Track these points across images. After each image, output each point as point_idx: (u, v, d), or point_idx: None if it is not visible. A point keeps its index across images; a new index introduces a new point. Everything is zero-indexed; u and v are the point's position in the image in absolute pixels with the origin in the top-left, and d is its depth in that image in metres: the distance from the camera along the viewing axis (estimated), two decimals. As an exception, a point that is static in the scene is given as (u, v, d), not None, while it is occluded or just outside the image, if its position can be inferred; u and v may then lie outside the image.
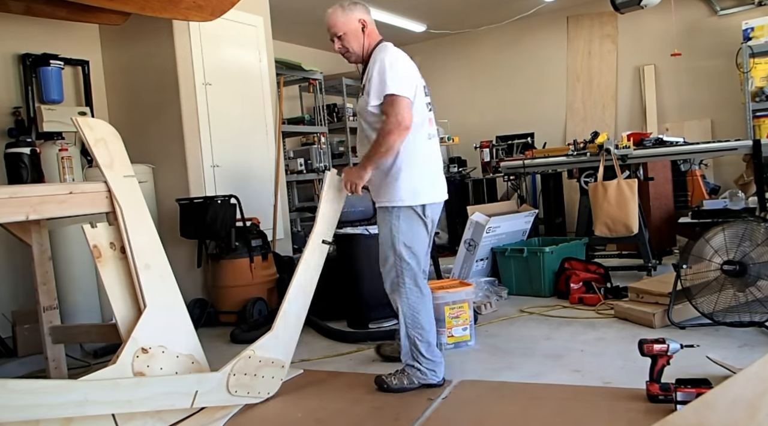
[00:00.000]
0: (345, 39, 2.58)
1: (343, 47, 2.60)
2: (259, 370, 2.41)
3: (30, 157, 3.68)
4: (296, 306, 2.53)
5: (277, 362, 2.46)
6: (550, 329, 3.30)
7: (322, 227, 2.62)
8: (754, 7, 6.00)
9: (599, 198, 4.26)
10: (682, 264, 3.02)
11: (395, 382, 2.52)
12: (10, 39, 4.00)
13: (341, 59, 2.79)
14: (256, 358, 2.39)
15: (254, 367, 2.39)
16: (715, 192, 5.75)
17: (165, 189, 4.20)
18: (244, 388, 2.36)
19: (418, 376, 2.52)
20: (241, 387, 2.35)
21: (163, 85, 4.18)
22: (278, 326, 2.45)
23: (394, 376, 2.54)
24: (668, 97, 6.58)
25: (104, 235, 2.38)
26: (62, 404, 1.91)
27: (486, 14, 6.82)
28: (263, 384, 2.42)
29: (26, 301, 3.81)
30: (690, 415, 1.09)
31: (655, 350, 2.16)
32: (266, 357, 2.42)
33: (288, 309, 2.50)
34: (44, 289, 2.77)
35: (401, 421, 2.20)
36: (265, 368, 2.43)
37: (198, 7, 3.56)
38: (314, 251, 2.60)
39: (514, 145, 6.57)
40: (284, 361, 2.49)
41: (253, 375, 2.38)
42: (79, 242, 3.58)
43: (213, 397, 2.30)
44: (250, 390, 2.39)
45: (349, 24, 2.57)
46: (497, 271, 4.33)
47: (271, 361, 2.44)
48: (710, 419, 1.05)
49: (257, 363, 2.40)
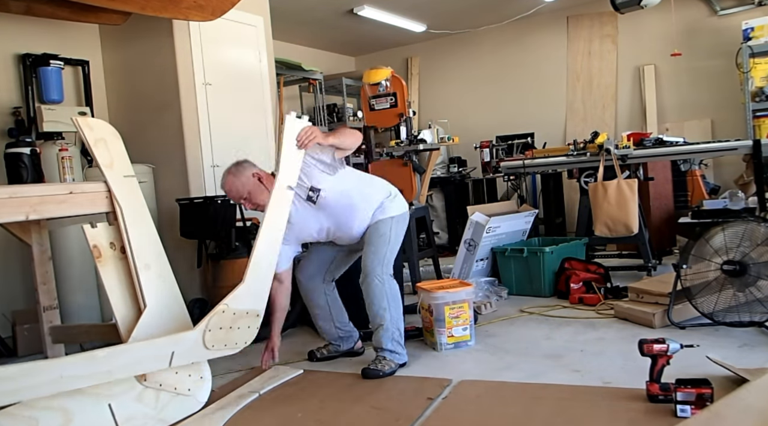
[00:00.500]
0: (252, 197, 2.76)
1: (253, 204, 2.77)
2: (234, 323, 2.41)
3: (30, 157, 3.68)
4: (266, 255, 2.52)
5: (251, 312, 2.46)
6: (550, 329, 3.30)
7: (286, 173, 2.60)
8: (754, 7, 5.99)
9: (599, 198, 4.26)
10: (682, 264, 3.02)
11: (386, 367, 2.70)
12: (10, 39, 4.00)
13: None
14: (231, 311, 2.39)
15: (229, 320, 2.39)
16: (715, 192, 5.75)
17: (165, 189, 4.20)
18: (220, 341, 2.37)
19: (396, 358, 2.77)
20: (217, 341, 2.36)
21: (163, 85, 4.18)
22: (249, 277, 2.45)
23: (381, 363, 2.72)
24: (668, 97, 6.58)
25: (104, 235, 2.38)
26: (40, 384, 1.96)
27: (486, 14, 6.82)
28: (239, 335, 2.43)
29: (26, 301, 3.81)
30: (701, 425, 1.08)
31: (655, 350, 2.16)
32: (240, 308, 2.42)
33: (258, 258, 2.49)
34: (44, 289, 2.77)
35: (401, 421, 2.20)
36: (241, 319, 2.42)
37: (198, 7, 3.56)
38: (281, 198, 2.59)
39: (514, 145, 6.57)
40: (258, 310, 2.49)
41: (228, 328, 2.39)
42: (79, 242, 3.59)
43: (190, 356, 2.32)
44: (227, 342, 2.39)
45: (247, 184, 2.75)
46: (497, 271, 4.33)
47: (246, 311, 2.43)
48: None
49: (232, 316, 2.40)
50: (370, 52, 8.16)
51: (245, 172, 2.76)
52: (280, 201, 2.59)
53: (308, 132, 2.60)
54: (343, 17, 6.35)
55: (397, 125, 4.77)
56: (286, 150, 2.60)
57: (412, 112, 4.88)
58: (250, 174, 2.75)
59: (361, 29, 6.93)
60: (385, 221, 2.83)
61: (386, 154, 4.74)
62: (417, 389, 2.52)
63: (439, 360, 2.93)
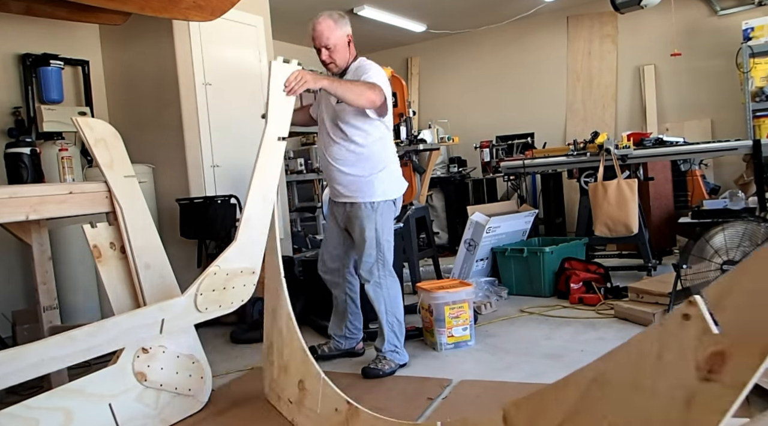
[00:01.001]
0: (333, 51, 2.67)
1: (330, 58, 2.69)
2: (228, 283, 2.32)
3: (30, 157, 3.68)
4: (257, 212, 2.38)
5: (246, 270, 2.35)
6: (550, 329, 3.30)
7: (275, 123, 2.38)
8: (754, 7, 6.00)
9: (599, 198, 4.26)
10: (682, 264, 3.02)
11: (386, 367, 2.72)
12: (10, 39, 4.00)
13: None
14: (223, 272, 2.30)
15: (222, 281, 2.30)
16: (715, 192, 5.75)
17: (165, 189, 4.20)
18: (214, 302, 2.29)
19: (396, 358, 2.78)
20: (211, 303, 2.28)
21: (163, 85, 4.18)
22: (241, 235, 2.34)
23: (381, 363, 2.73)
24: (668, 97, 6.59)
25: (104, 235, 2.38)
26: (22, 369, 1.91)
27: (486, 14, 6.82)
28: (235, 294, 2.34)
29: (26, 301, 3.81)
30: None
31: (655, 350, 2.16)
32: (233, 268, 2.32)
33: (249, 214, 2.36)
34: (44, 289, 2.77)
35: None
36: (234, 279, 2.33)
37: (198, 7, 3.56)
38: (271, 151, 2.38)
39: (514, 145, 6.57)
40: (253, 268, 2.38)
41: (222, 289, 2.30)
42: (79, 242, 3.59)
43: (182, 321, 2.27)
44: (222, 303, 2.32)
45: (340, 37, 2.67)
46: (497, 271, 4.33)
47: (240, 270, 2.34)
48: None
49: (224, 276, 2.31)
50: (370, 52, 8.16)
51: (345, 27, 2.68)
52: (271, 154, 2.37)
53: (298, 76, 2.36)
54: (343, 17, 6.34)
55: (397, 125, 4.76)
56: (274, 98, 2.37)
57: (412, 112, 4.88)
58: (346, 32, 2.68)
59: (361, 29, 6.92)
60: (370, 218, 2.73)
61: (386, 154, 4.73)
62: (417, 389, 2.52)
63: (439, 360, 2.93)
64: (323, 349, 3.05)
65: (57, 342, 1.98)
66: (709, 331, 0.92)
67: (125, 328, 2.11)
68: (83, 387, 2.13)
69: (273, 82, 2.36)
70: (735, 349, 0.88)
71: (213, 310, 2.29)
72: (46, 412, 2.04)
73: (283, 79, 2.38)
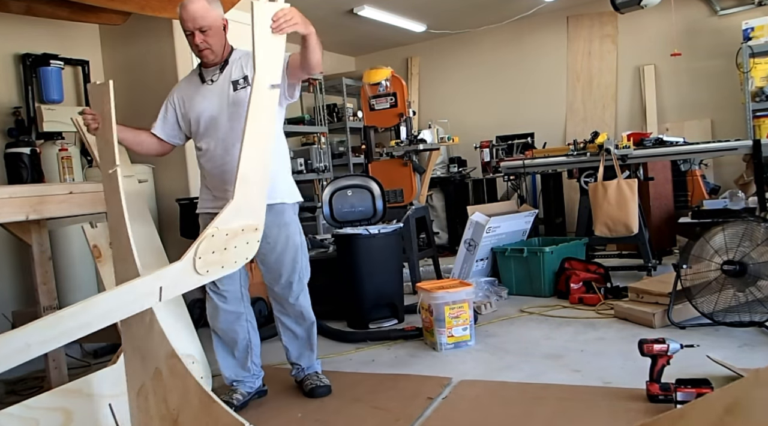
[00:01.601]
0: (208, 34, 2.31)
1: (205, 43, 2.31)
2: (228, 243, 2.15)
3: (30, 157, 3.68)
4: (253, 167, 2.18)
5: (247, 227, 2.19)
6: (550, 329, 3.30)
7: (265, 69, 2.11)
8: (754, 7, 5.99)
9: (599, 198, 4.26)
10: (682, 264, 3.02)
11: (326, 381, 2.58)
12: (10, 39, 4.00)
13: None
14: (222, 233, 2.13)
15: (222, 242, 2.14)
16: (715, 192, 5.75)
17: (165, 189, 4.20)
18: (215, 264, 2.12)
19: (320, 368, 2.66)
20: (212, 264, 2.11)
21: (163, 84, 4.17)
22: (238, 192, 2.14)
23: (318, 379, 2.57)
24: (668, 97, 6.58)
25: (104, 235, 2.38)
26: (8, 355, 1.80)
27: (486, 14, 6.82)
28: (238, 253, 2.18)
29: (26, 301, 3.81)
30: None
31: (655, 350, 2.16)
32: (233, 227, 2.15)
33: (245, 172, 2.16)
34: (44, 289, 2.77)
35: (401, 421, 2.20)
36: (235, 238, 2.17)
37: (198, 7, 3.56)
38: (263, 99, 2.14)
39: (514, 145, 6.57)
40: (256, 224, 2.20)
41: (222, 249, 2.14)
42: (79, 242, 3.59)
43: (181, 286, 2.11)
44: (225, 263, 2.15)
45: (216, 19, 2.32)
46: (497, 271, 4.33)
47: (241, 228, 2.17)
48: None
49: (224, 237, 2.14)
50: (370, 52, 8.17)
51: (219, 9, 2.36)
52: (262, 103, 2.14)
53: (286, 13, 2.05)
54: (343, 17, 6.35)
55: (397, 125, 4.77)
56: (260, 39, 2.10)
57: (412, 112, 4.88)
58: (221, 15, 2.36)
59: (361, 29, 6.94)
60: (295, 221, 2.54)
61: (386, 154, 4.74)
62: (417, 389, 2.52)
63: (439, 360, 2.93)
64: (237, 399, 2.49)
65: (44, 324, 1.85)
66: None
67: (120, 302, 1.95)
68: (83, 387, 2.13)
69: (258, 24, 2.09)
70: None
71: (215, 271, 2.13)
72: (46, 412, 2.04)
73: (268, 19, 2.08)
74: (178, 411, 1.87)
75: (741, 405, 0.86)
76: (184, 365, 1.89)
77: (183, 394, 1.87)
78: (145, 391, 2.04)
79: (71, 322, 1.85)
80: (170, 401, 1.90)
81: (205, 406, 1.77)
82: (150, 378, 2.01)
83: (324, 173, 6.08)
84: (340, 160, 6.86)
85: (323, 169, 6.08)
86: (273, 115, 2.18)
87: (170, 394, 1.91)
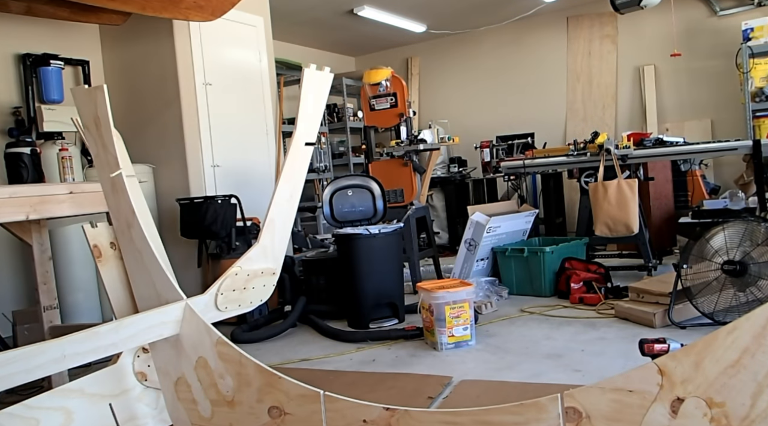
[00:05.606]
0: None
1: None
2: (248, 283, 2.33)
3: (30, 157, 3.68)
4: (282, 215, 2.41)
5: (266, 271, 2.38)
6: (550, 329, 3.30)
7: (304, 128, 2.40)
8: (754, 8, 6.00)
9: (599, 198, 4.26)
10: (682, 264, 3.02)
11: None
12: (11, 39, 4.00)
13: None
14: (244, 273, 2.31)
15: (243, 282, 2.32)
16: (715, 192, 5.76)
17: (165, 189, 4.20)
18: (233, 302, 2.30)
19: None
20: (230, 302, 2.29)
21: (163, 85, 4.18)
22: (264, 237, 2.36)
23: None
24: (668, 97, 6.59)
25: (104, 235, 2.38)
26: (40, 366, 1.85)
27: (486, 14, 6.82)
28: (254, 294, 2.36)
29: (26, 301, 3.81)
30: None
31: (656, 350, 2.16)
32: (254, 269, 2.34)
33: (274, 218, 2.39)
34: (44, 289, 2.77)
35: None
36: (255, 280, 2.35)
37: (198, 7, 3.56)
38: (299, 155, 2.41)
39: (514, 145, 6.57)
40: (274, 269, 2.40)
41: (242, 289, 2.32)
42: (79, 242, 3.59)
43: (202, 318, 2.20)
44: (241, 302, 2.33)
45: None
46: (498, 271, 4.33)
47: (261, 271, 2.36)
48: None
49: (245, 277, 2.32)
50: (370, 52, 8.17)
51: None
52: (298, 158, 2.40)
53: None
54: (343, 17, 6.35)
55: (398, 125, 4.77)
56: (305, 102, 2.41)
57: (412, 112, 4.89)
58: None
59: (361, 29, 6.94)
60: None
61: (386, 154, 4.74)
62: (417, 388, 2.52)
63: (439, 359, 2.92)
64: None
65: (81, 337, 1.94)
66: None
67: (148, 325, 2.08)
68: (83, 387, 2.13)
69: (305, 88, 2.39)
70: None
71: (232, 308, 2.29)
72: (46, 412, 2.03)
73: (314, 86, 2.39)
74: (233, 393, 1.95)
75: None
76: (235, 349, 1.98)
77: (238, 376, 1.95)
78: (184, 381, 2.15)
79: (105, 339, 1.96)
80: (222, 385, 2.00)
81: (271, 382, 1.82)
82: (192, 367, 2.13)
83: (324, 173, 6.08)
84: (341, 160, 6.86)
85: (323, 169, 6.08)
86: (305, 170, 2.37)
87: (221, 380, 2.01)
